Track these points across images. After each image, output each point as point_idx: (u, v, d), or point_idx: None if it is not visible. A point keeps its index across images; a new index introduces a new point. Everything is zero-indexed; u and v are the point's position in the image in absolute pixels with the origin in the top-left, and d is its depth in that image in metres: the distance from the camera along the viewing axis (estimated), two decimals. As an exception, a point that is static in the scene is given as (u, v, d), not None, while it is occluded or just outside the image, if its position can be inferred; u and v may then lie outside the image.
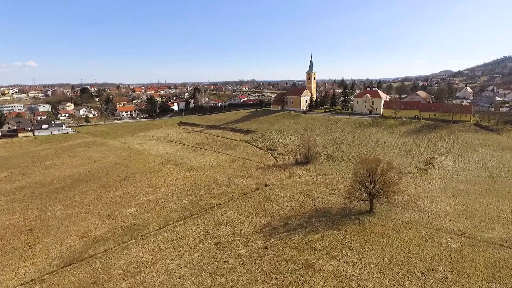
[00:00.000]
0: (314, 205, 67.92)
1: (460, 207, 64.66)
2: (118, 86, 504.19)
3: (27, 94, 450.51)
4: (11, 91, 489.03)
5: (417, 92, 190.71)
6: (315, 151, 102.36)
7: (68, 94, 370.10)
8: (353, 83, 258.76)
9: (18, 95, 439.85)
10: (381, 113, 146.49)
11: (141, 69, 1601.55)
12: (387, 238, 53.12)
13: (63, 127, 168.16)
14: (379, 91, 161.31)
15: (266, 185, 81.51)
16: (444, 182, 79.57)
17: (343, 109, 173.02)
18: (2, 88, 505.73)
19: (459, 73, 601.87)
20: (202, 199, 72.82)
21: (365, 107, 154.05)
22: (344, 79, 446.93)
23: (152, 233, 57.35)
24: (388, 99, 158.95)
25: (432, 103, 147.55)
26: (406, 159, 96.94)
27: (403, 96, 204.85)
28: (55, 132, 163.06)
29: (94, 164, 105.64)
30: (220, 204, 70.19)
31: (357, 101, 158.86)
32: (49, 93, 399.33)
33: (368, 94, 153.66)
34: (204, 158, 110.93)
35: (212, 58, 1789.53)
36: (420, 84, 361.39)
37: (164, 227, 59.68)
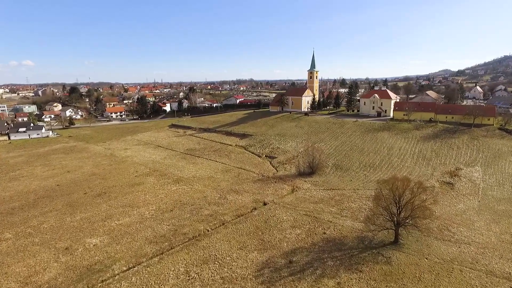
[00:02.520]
0: (324, 233, 54.85)
1: (508, 237, 51.66)
2: (111, 86, 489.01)
3: (18, 94, 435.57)
4: (1, 90, 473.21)
5: (427, 92, 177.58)
6: (320, 160, 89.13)
7: (58, 93, 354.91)
8: (356, 82, 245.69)
9: (8, 95, 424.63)
10: (391, 115, 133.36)
11: (139, 69, 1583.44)
12: (425, 286, 40.07)
13: (43, 130, 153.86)
14: (388, 91, 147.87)
15: (264, 204, 68.35)
16: (477, 200, 66.62)
17: (348, 111, 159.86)
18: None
19: (460, 72, 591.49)
20: (187, 224, 59.53)
21: (373, 108, 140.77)
22: (344, 78, 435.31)
23: (117, 277, 43.99)
24: (398, 100, 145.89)
25: (449, 105, 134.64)
26: (426, 170, 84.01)
27: (410, 96, 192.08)
28: (34, 135, 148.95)
29: (67, 175, 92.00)
30: (208, 231, 56.92)
31: (364, 102, 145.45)
32: (40, 92, 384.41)
33: (376, 94, 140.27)
34: (194, 167, 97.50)
35: (209, 57, 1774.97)
36: (422, 83, 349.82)
37: (134, 267, 46.33)
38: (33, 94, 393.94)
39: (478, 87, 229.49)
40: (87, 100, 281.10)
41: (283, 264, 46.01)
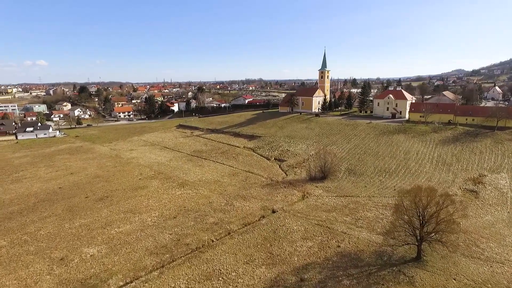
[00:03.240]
0: (339, 246, 50.32)
1: (546, 256, 46.14)
2: (121, 85, 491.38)
3: (30, 93, 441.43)
4: (14, 89, 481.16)
5: (444, 93, 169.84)
6: (332, 164, 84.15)
7: (68, 93, 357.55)
8: (368, 82, 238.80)
9: (21, 94, 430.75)
10: (407, 116, 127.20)
11: (148, 68, 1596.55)
12: (455, 314, 35.22)
13: (50, 130, 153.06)
14: (403, 91, 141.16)
15: (273, 211, 64.14)
16: (506, 211, 60.92)
17: (360, 112, 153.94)
18: (3, 87, 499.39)
19: (475, 72, 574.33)
20: (190, 233, 55.78)
21: (388, 109, 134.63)
22: (355, 78, 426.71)
23: (112, 293, 40.47)
24: (413, 101, 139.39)
25: (469, 106, 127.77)
26: (446, 176, 78.28)
27: (426, 97, 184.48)
28: (41, 135, 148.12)
29: (70, 177, 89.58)
30: (212, 241, 53.04)
31: (378, 103, 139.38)
32: (51, 92, 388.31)
33: (391, 95, 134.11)
34: (201, 170, 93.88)
35: (219, 57, 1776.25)
36: (436, 83, 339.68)
37: (131, 282, 42.79)
38: (45, 94, 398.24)
39: (497, 87, 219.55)
40: (96, 99, 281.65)
41: (294, 282, 41.81)
